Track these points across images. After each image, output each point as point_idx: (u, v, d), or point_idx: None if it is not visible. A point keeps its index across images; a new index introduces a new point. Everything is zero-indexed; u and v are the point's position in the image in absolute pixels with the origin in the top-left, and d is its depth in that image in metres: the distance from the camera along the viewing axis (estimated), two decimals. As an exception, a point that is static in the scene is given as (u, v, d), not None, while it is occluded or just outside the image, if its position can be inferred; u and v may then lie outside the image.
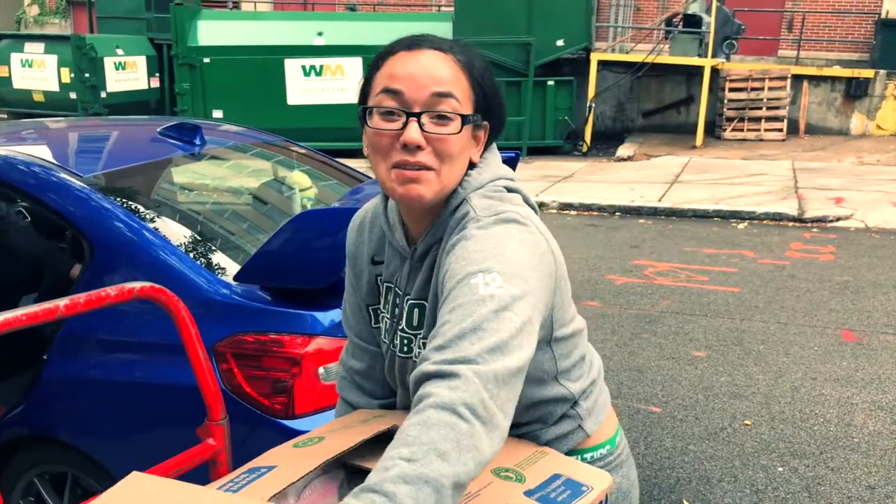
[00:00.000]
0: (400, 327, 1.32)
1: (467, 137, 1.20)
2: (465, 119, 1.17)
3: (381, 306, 1.39)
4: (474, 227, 1.16)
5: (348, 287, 1.48)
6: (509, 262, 1.10)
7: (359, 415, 1.41)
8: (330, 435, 1.32)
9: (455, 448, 0.92)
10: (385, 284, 1.37)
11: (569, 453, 1.37)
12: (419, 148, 1.15)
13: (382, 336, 1.40)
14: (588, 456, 1.40)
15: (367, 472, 1.23)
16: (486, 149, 1.29)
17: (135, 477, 1.14)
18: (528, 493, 1.16)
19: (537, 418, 1.36)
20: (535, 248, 1.16)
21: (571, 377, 1.36)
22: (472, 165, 1.25)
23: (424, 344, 1.27)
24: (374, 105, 1.17)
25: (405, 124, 1.15)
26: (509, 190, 1.27)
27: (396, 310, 1.33)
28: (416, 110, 1.15)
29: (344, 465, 1.25)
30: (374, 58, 1.23)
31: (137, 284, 1.46)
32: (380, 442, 1.28)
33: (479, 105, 1.21)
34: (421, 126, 1.15)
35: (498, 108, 1.26)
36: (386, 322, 1.37)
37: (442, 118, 1.16)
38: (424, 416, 0.94)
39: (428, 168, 1.16)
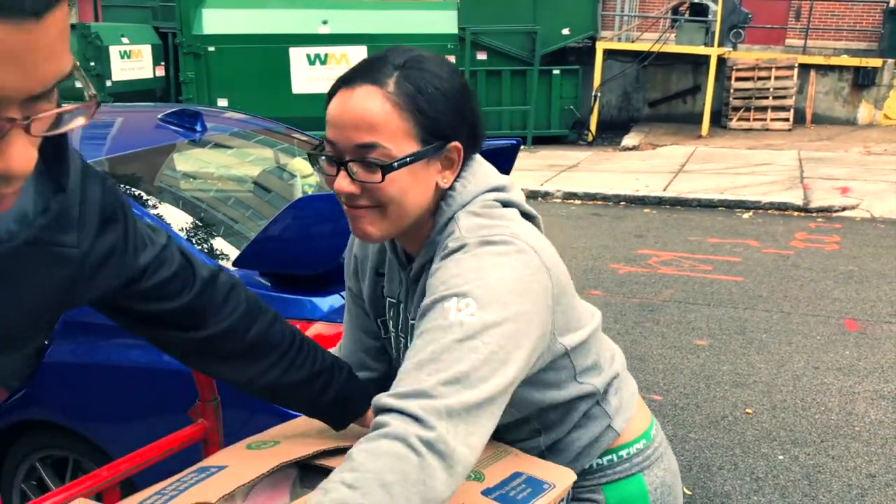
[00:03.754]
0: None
1: (411, 174, 1.12)
2: (386, 168, 1.09)
3: (388, 319, 1.37)
4: (459, 250, 1.11)
5: (348, 302, 1.45)
6: (489, 286, 1.05)
7: (316, 422, 1.39)
8: (286, 441, 1.32)
9: (401, 481, 0.89)
10: (388, 299, 1.35)
11: (603, 455, 1.34)
12: (354, 194, 1.12)
13: (392, 350, 1.39)
14: (623, 453, 1.36)
15: (321, 469, 1.22)
16: (466, 162, 1.20)
17: (80, 503, 1.19)
18: (486, 492, 1.14)
19: (560, 419, 1.32)
20: (524, 269, 1.09)
21: (591, 374, 1.31)
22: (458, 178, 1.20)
23: None
24: (318, 153, 1.17)
25: (338, 171, 1.12)
26: (504, 204, 1.20)
27: (407, 330, 1.31)
28: (346, 158, 1.11)
29: (297, 463, 1.24)
30: (328, 93, 1.18)
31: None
32: (338, 449, 1.27)
33: (433, 131, 1.12)
34: (351, 174, 1.11)
35: (463, 123, 1.17)
36: (400, 340, 1.35)
37: (370, 165, 1.10)
38: (375, 444, 0.92)
39: (372, 207, 1.14)
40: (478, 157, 1.24)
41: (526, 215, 1.23)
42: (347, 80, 1.12)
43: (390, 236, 1.19)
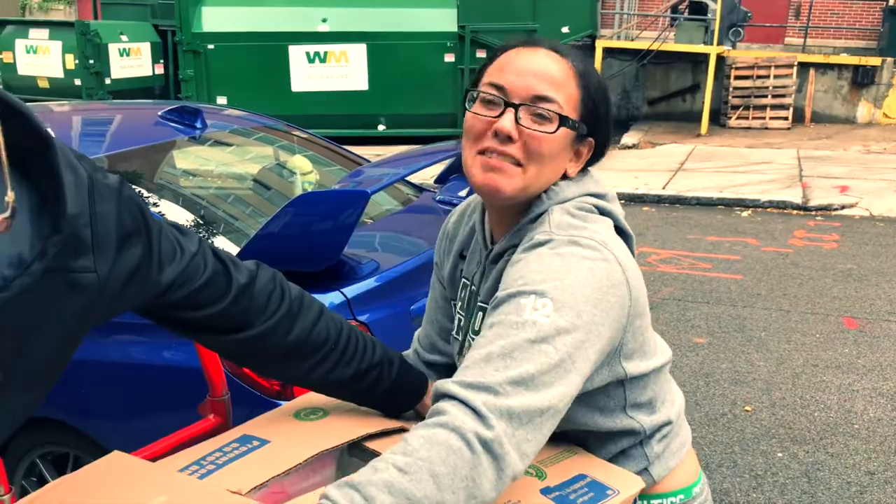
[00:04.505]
0: (472, 328, 1.29)
1: (564, 143, 1.16)
2: (563, 120, 1.13)
3: (460, 300, 1.36)
4: (545, 245, 1.10)
5: (434, 279, 1.46)
6: (567, 289, 1.03)
7: None
8: (334, 412, 1.29)
9: (450, 474, 0.89)
10: (463, 280, 1.34)
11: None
12: (510, 139, 1.12)
13: (455, 332, 1.37)
14: (656, 503, 1.30)
15: (368, 451, 1.21)
16: (586, 168, 1.25)
17: (116, 456, 1.14)
18: (545, 491, 1.10)
19: (597, 450, 1.27)
20: (606, 280, 1.07)
21: (643, 411, 1.26)
22: (565, 177, 1.22)
23: None
24: (479, 90, 1.17)
25: (502, 113, 1.13)
26: (602, 212, 1.20)
27: (470, 310, 1.31)
28: (516, 102, 1.13)
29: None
30: (492, 51, 1.22)
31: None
32: (385, 431, 1.25)
33: (587, 117, 1.18)
34: (517, 119, 1.12)
35: (606, 128, 1.22)
36: (460, 320, 1.35)
37: (540, 116, 1.13)
38: (433, 431, 0.92)
39: (515, 162, 1.13)
40: (591, 171, 1.27)
41: (621, 232, 1.22)
42: (527, 43, 1.18)
43: (517, 199, 1.16)
